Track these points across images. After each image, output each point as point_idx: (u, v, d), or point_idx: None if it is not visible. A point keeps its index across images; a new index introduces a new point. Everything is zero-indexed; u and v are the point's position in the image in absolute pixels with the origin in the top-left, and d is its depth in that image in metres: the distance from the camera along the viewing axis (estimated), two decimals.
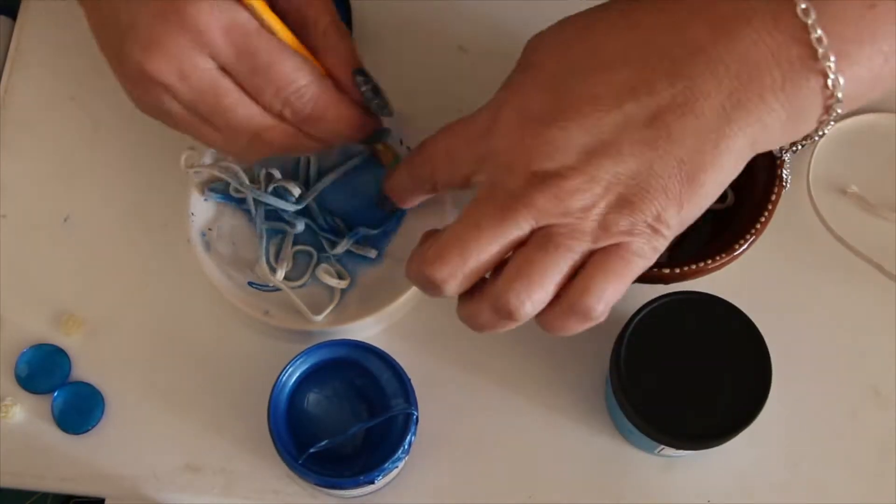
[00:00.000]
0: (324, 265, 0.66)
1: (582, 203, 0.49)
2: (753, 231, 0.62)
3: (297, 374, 0.61)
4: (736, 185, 0.66)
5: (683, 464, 0.65)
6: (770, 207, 0.63)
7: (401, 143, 0.67)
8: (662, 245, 0.50)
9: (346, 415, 0.61)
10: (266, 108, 0.55)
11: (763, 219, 0.62)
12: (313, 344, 0.61)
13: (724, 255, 0.62)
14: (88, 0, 0.56)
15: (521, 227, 0.50)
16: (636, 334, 0.60)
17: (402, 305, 0.66)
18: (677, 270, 0.61)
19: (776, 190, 0.63)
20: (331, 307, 0.65)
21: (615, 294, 0.50)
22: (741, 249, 0.62)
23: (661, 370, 0.60)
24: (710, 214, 0.67)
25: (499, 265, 0.51)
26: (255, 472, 0.65)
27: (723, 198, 0.67)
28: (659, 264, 0.62)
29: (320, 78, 0.57)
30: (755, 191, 0.64)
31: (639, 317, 0.60)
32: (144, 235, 0.69)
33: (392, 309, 0.65)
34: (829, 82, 0.47)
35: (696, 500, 0.64)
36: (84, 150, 0.71)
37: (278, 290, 0.66)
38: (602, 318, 0.51)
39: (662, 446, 0.61)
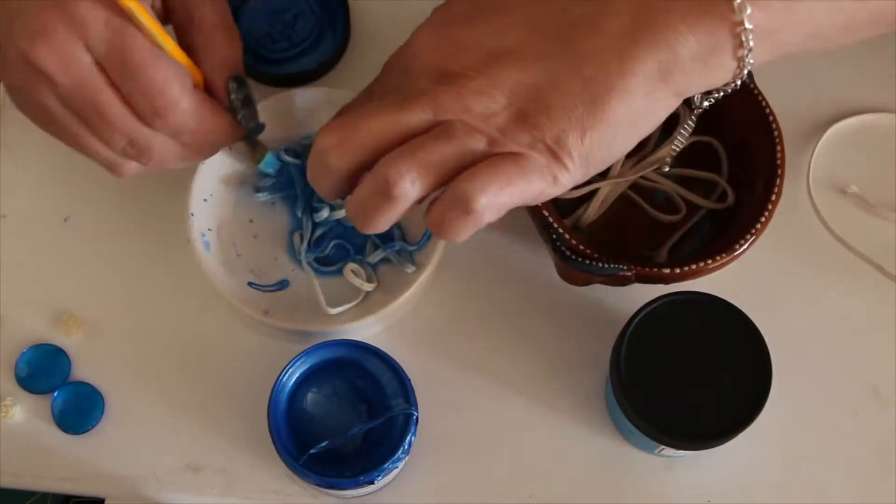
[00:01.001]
0: (352, 265, 0.66)
1: (483, 107, 0.49)
2: (753, 231, 0.62)
3: (297, 374, 0.61)
4: (736, 185, 0.66)
5: (683, 464, 0.65)
6: (770, 207, 0.63)
7: None
8: (564, 177, 0.50)
9: (346, 415, 0.61)
10: (139, 115, 0.55)
11: (763, 219, 0.62)
12: (313, 344, 0.61)
13: (724, 255, 0.62)
14: None
15: (417, 116, 0.50)
16: (636, 334, 0.60)
17: (402, 305, 0.66)
18: (677, 270, 0.61)
19: (776, 190, 0.63)
20: (350, 305, 0.65)
21: (499, 194, 0.49)
22: (741, 249, 0.62)
23: (661, 370, 0.60)
24: (710, 214, 0.67)
25: None
26: (255, 472, 0.65)
27: (723, 198, 0.67)
28: (659, 264, 0.62)
29: (191, 88, 0.55)
30: (755, 191, 0.64)
31: (639, 317, 0.60)
32: (144, 235, 0.69)
33: (392, 309, 0.65)
34: (736, 5, 0.47)
35: (696, 500, 0.64)
36: None
37: (278, 290, 0.66)
38: (484, 217, 0.49)
39: (662, 446, 0.61)
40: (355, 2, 0.73)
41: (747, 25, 0.48)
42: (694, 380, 0.59)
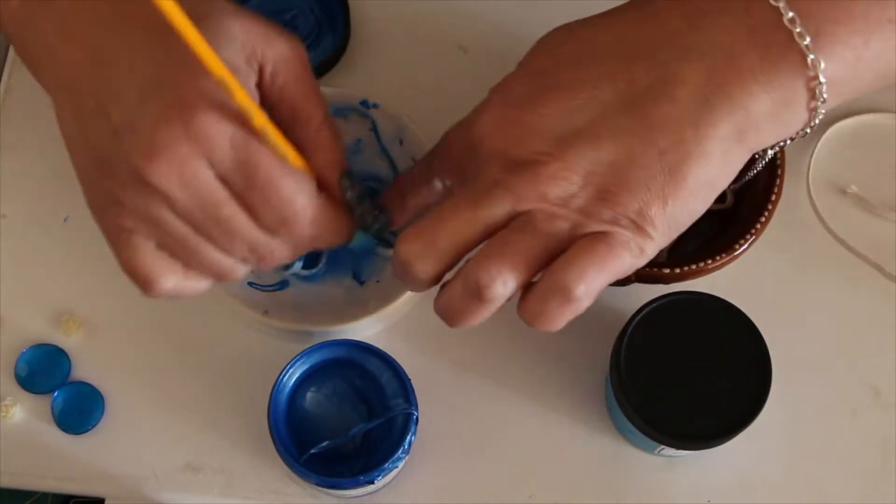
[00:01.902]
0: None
1: (560, 191, 0.48)
2: (753, 231, 0.62)
3: (297, 375, 0.61)
4: (736, 186, 0.66)
5: (683, 464, 0.65)
6: (770, 207, 0.63)
7: (400, 143, 0.67)
8: (650, 247, 0.49)
9: (346, 415, 0.61)
10: (264, 226, 0.52)
11: (763, 219, 0.62)
12: (313, 344, 0.61)
13: (724, 255, 0.62)
14: (63, 93, 0.52)
15: (496, 212, 0.49)
16: (636, 334, 0.60)
17: (402, 305, 0.66)
18: (677, 270, 0.61)
19: (776, 190, 0.63)
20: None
21: (596, 278, 0.48)
22: (741, 249, 0.62)
23: (661, 370, 0.60)
24: (710, 214, 0.67)
25: None
26: (255, 472, 0.65)
27: (722, 198, 0.67)
28: (659, 264, 0.62)
29: (316, 196, 0.53)
30: (755, 191, 0.64)
31: (639, 317, 0.60)
32: None
33: (392, 309, 0.65)
34: (809, 62, 0.47)
35: (696, 500, 0.64)
36: None
37: (278, 290, 0.66)
38: (583, 304, 0.49)
39: (662, 446, 0.61)
40: (355, 2, 0.73)
41: (822, 80, 0.47)
42: (694, 380, 0.59)
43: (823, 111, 0.49)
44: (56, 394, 0.65)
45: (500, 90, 0.52)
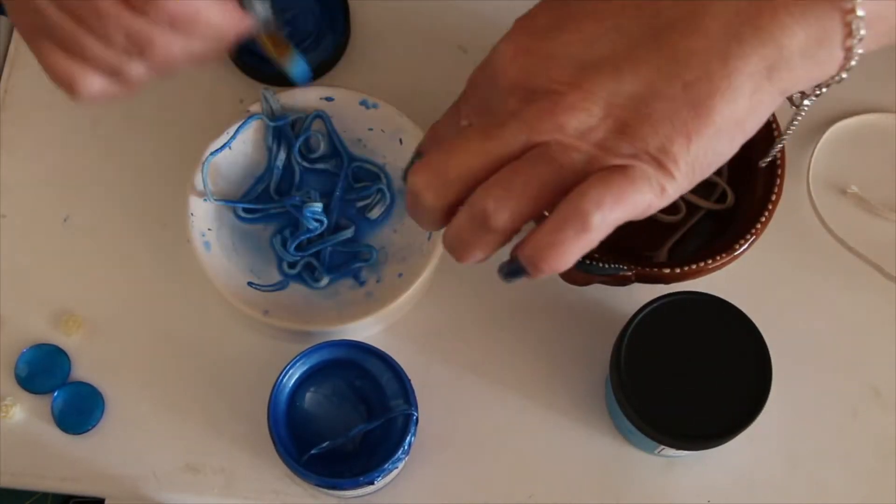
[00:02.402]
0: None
1: (578, 122, 0.46)
2: (753, 231, 0.62)
3: (298, 375, 0.61)
4: (736, 186, 0.66)
5: (683, 464, 0.65)
6: (770, 207, 0.63)
7: (400, 142, 0.67)
8: (672, 186, 0.47)
9: (346, 415, 0.61)
10: (133, 6, 0.52)
11: (763, 219, 0.62)
12: (313, 344, 0.61)
13: (724, 255, 0.62)
14: None
15: (510, 143, 0.47)
16: (636, 334, 0.60)
17: (402, 305, 0.66)
18: (677, 270, 0.61)
19: (776, 190, 0.63)
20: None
21: (614, 208, 0.46)
22: (741, 249, 0.62)
23: (661, 370, 0.60)
24: (710, 214, 0.67)
25: None
26: (255, 472, 0.65)
27: (723, 198, 0.67)
28: (659, 264, 0.62)
29: None
30: (755, 191, 0.64)
31: (639, 317, 0.60)
32: (144, 235, 0.69)
33: (392, 309, 0.65)
34: None
35: (696, 500, 0.64)
36: (84, 150, 0.71)
37: (278, 290, 0.66)
38: (597, 237, 0.46)
39: (662, 446, 0.61)
40: (355, 2, 0.73)
41: (859, 13, 0.45)
42: (694, 380, 0.59)
43: (860, 51, 0.47)
44: (56, 394, 0.65)
45: (524, 20, 0.50)
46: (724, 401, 0.59)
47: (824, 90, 0.50)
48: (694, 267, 0.62)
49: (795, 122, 0.55)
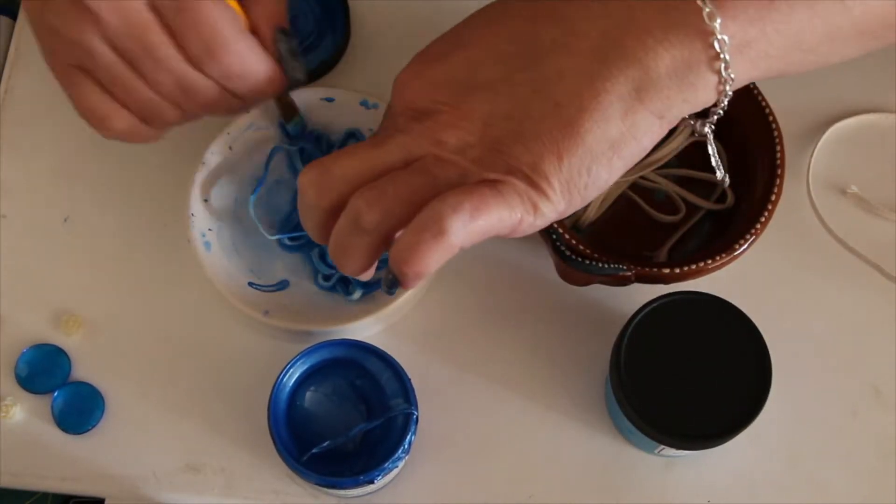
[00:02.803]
0: None
1: (456, 139, 0.49)
2: (753, 231, 0.62)
3: (298, 374, 0.61)
4: (736, 186, 0.66)
5: (683, 464, 0.65)
6: (770, 207, 0.63)
7: None
8: (546, 206, 0.49)
9: (346, 415, 0.61)
10: (190, 57, 0.54)
11: (763, 219, 0.62)
12: (313, 344, 0.61)
13: (724, 255, 0.62)
14: None
15: (391, 152, 0.50)
16: (636, 334, 0.60)
17: (402, 305, 0.66)
18: (677, 270, 0.61)
19: (776, 190, 0.63)
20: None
21: (475, 217, 0.48)
22: (741, 249, 0.62)
23: (661, 370, 0.60)
24: (710, 214, 0.67)
25: None
26: (255, 472, 0.65)
27: (723, 198, 0.67)
28: (659, 264, 0.62)
29: (245, 32, 0.56)
30: (755, 191, 0.64)
31: (639, 317, 0.60)
32: (144, 235, 0.69)
33: (392, 309, 0.65)
34: (705, 14, 0.46)
35: (696, 500, 0.64)
36: (84, 150, 0.71)
37: (278, 290, 0.66)
38: (454, 241, 0.48)
39: (662, 446, 0.61)
40: (355, 2, 0.73)
41: (719, 36, 0.47)
42: (694, 380, 0.59)
43: (733, 76, 0.48)
44: (56, 394, 0.65)
45: (422, 51, 0.54)
46: (724, 401, 0.59)
47: (714, 119, 0.52)
48: (694, 267, 0.62)
49: (711, 149, 0.57)
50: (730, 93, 0.49)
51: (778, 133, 0.64)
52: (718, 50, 0.47)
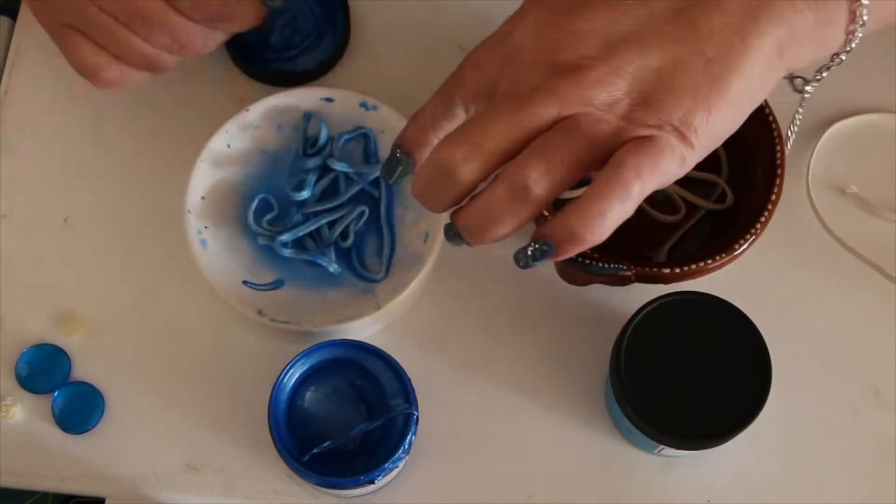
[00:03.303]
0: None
1: (605, 95, 0.48)
2: (753, 231, 0.62)
3: (298, 374, 0.61)
4: (736, 186, 0.66)
5: (683, 464, 0.65)
6: (770, 207, 0.63)
7: None
8: (691, 156, 0.49)
9: (346, 415, 0.61)
10: (177, 7, 0.58)
11: (763, 219, 0.62)
12: (313, 344, 0.61)
13: (724, 255, 0.62)
14: None
15: (542, 115, 0.48)
16: (636, 334, 0.60)
17: (402, 305, 0.66)
18: (677, 270, 0.61)
19: (776, 190, 0.63)
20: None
21: (650, 177, 0.48)
22: (741, 249, 0.62)
23: (661, 370, 0.60)
24: (710, 214, 0.67)
25: None
26: (255, 472, 0.65)
27: (722, 198, 0.67)
28: (659, 264, 0.62)
29: None
30: (755, 191, 0.64)
31: (639, 317, 0.60)
32: (145, 235, 0.69)
33: (392, 309, 0.65)
34: None
35: (696, 500, 0.64)
36: (84, 150, 0.71)
37: (273, 289, 0.66)
38: (636, 203, 0.48)
39: (662, 446, 0.61)
40: (355, 2, 0.73)
41: (864, 1, 0.48)
42: (694, 380, 0.59)
43: (860, 34, 0.49)
44: (56, 394, 0.65)
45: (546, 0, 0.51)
46: (724, 401, 0.59)
47: (825, 74, 0.53)
48: (694, 267, 0.62)
49: (800, 111, 0.58)
50: (851, 48, 0.50)
51: (778, 133, 0.64)
52: (858, 14, 0.49)
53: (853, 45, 0.50)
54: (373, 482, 0.59)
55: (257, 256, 0.67)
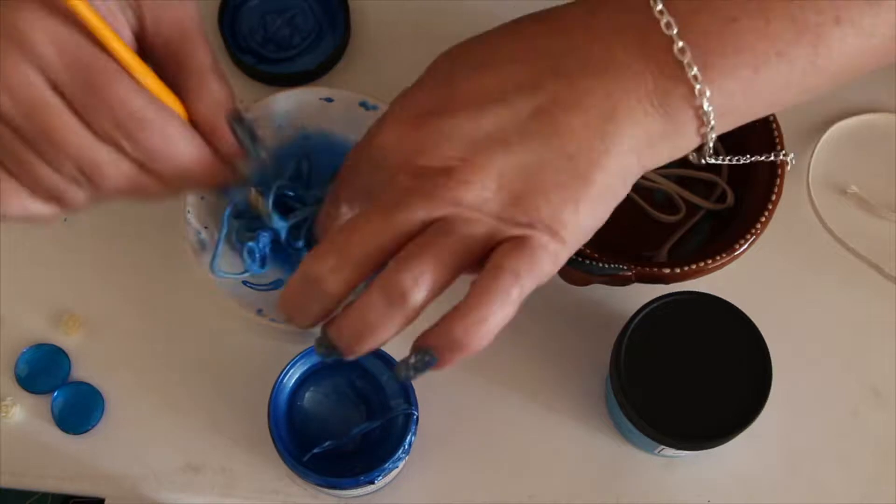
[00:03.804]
0: None
1: (473, 196, 0.48)
2: (753, 231, 0.62)
3: (298, 375, 0.61)
4: (736, 186, 0.66)
5: (683, 464, 0.65)
6: (770, 207, 0.63)
7: None
8: (563, 253, 0.49)
9: (346, 415, 0.61)
10: (101, 135, 0.49)
11: (763, 219, 0.62)
12: (313, 344, 0.60)
13: (724, 255, 0.62)
14: None
15: (411, 217, 0.48)
16: (636, 334, 0.60)
17: None
18: (677, 270, 0.61)
19: (776, 190, 0.63)
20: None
21: (528, 278, 0.48)
22: (741, 249, 0.62)
23: (661, 370, 0.60)
24: (710, 214, 0.67)
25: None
26: (255, 472, 0.65)
27: (722, 198, 0.67)
28: (659, 264, 0.62)
29: (166, 108, 0.51)
30: (755, 191, 0.64)
31: (639, 317, 0.60)
32: (145, 235, 0.69)
33: None
34: (696, 91, 0.48)
35: (696, 500, 0.64)
36: None
37: (273, 289, 0.66)
38: (516, 303, 0.48)
39: (662, 446, 0.61)
40: (355, 2, 0.73)
41: (706, 108, 0.48)
42: (694, 380, 0.59)
43: (713, 136, 0.50)
44: (56, 394, 0.65)
45: (402, 102, 0.51)
46: (724, 401, 0.59)
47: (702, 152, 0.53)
48: (694, 267, 0.62)
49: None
50: (709, 149, 0.51)
51: (778, 133, 0.64)
52: (705, 120, 0.49)
53: (710, 145, 0.50)
54: (373, 482, 0.59)
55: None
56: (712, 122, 0.49)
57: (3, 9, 0.48)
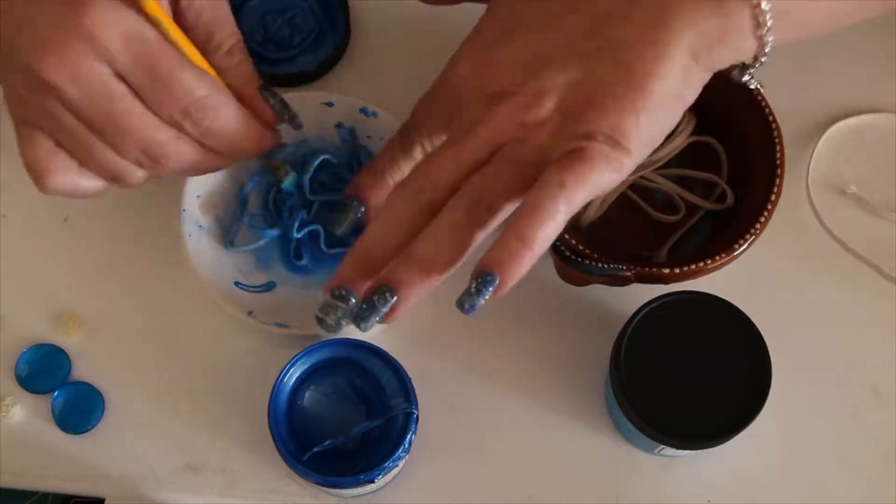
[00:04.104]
0: None
1: (535, 116, 0.51)
2: (753, 231, 0.62)
3: (298, 374, 0.61)
4: (736, 186, 0.66)
5: (683, 464, 0.65)
6: (770, 207, 0.63)
7: None
8: (629, 161, 0.51)
9: (346, 414, 0.61)
10: (165, 119, 0.53)
11: (763, 219, 0.62)
12: (312, 343, 0.61)
13: (724, 255, 0.62)
14: None
15: (482, 148, 0.51)
16: (636, 334, 0.60)
17: None
18: (677, 270, 0.62)
19: (776, 190, 0.63)
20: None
21: (578, 187, 0.50)
22: (741, 249, 0.62)
23: (661, 370, 0.60)
24: (710, 214, 0.67)
25: None
26: (255, 472, 0.65)
27: (722, 198, 0.67)
28: (659, 264, 0.62)
29: (222, 89, 0.55)
30: (755, 191, 0.64)
31: (639, 317, 0.60)
32: (145, 235, 0.69)
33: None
34: None
35: (696, 500, 0.64)
36: None
37: (265, 291, 0.66)
38: (565, 218, 0.50)
39: (662, 446, 0.61)
40: (355, 2, 0.73)
41: (764, 7, 0.50)
42: (694, 380, 0.59)
43: (771, 39, 0.51)
44: (56, 394, 0.65)
45: (471, 38, 0.55)
46: (724, 401, 0.59)
47: (752, 72, 0.54)
48: (694, 267, 0.62)
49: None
50: (766, 53, 0.52)
51: (778, 133, 0.64)
52: (762, 21, 0.50)
53: (767, 49, 0.52)
54: (373, 481, 0.59)
55: (250, 258, 0.67)
56: (769, 23, 0.50)
57: (74, 8, 0.51)
